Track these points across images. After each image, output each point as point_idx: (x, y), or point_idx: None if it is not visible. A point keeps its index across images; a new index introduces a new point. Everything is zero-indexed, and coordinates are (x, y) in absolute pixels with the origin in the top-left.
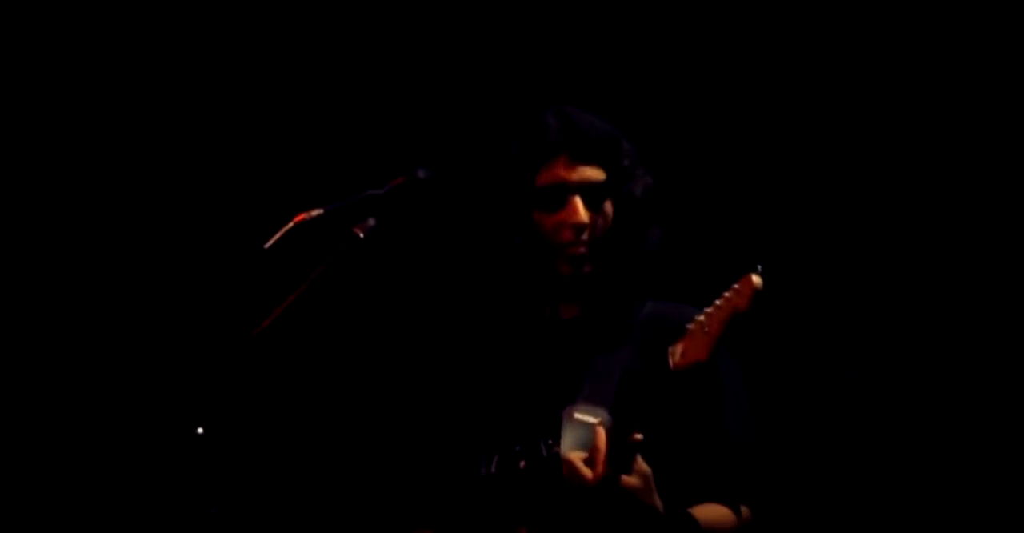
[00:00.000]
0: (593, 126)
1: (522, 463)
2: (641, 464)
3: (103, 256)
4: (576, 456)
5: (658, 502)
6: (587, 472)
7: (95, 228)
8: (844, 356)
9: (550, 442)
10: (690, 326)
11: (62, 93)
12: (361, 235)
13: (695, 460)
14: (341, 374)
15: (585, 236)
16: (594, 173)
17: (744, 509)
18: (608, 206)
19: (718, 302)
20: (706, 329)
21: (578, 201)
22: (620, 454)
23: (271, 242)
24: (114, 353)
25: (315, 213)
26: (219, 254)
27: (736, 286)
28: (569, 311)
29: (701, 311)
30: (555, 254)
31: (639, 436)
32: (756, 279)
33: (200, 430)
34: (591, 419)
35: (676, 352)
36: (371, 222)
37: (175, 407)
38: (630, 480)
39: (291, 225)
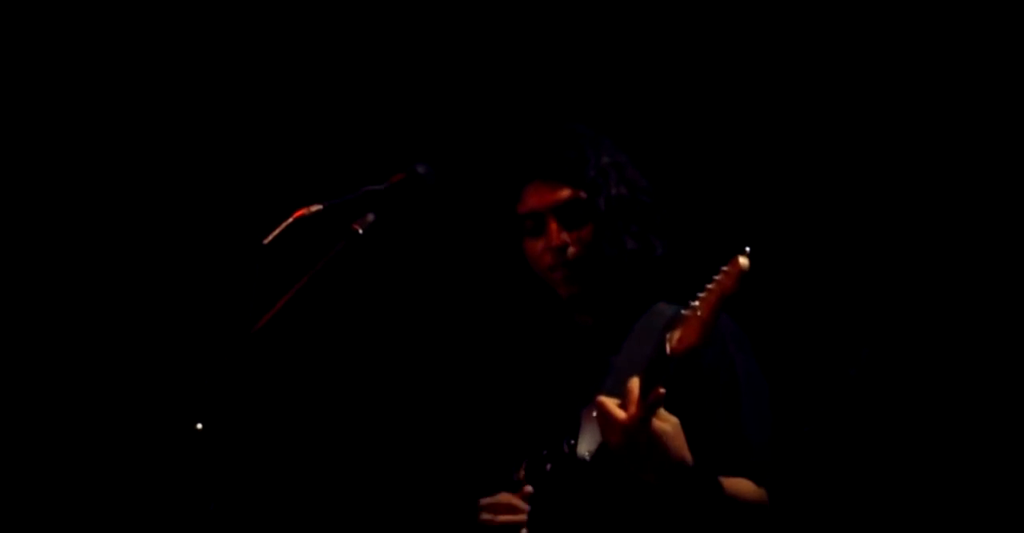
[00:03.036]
0: (559, 143)
1: (548, 466)
2: (668, 415)
3: (103, 252)
4: (613, 402)
5: (687, 454)
6: (620, 412)
7: (95, 224)
8: (846, 352)
9: (572, 442)
10: (685, 312)
11: (61, 90)
12: (360, 231)
13: (709, 449)
14: (339, 372)
15: (566, 257)
16: (563, 193)
17: (762, 491)
18: (587, 222)
19: (709, 286)
20: (699, 314)
21: (553, 224)
22: (649, 407)
23: (270, 237)
24: (114, 349)
25: (315, 208)
26: (218, 250)
27: (725, 269)
28: (587, 318)
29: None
30: (549, 277)
31: (662, 390)
32: (743, 261)
33: (199, 426)
34: None
35: (673, 338)
36: (370, 218)
37: (174, 404)
38: (662, 424)
39: (291, 220)
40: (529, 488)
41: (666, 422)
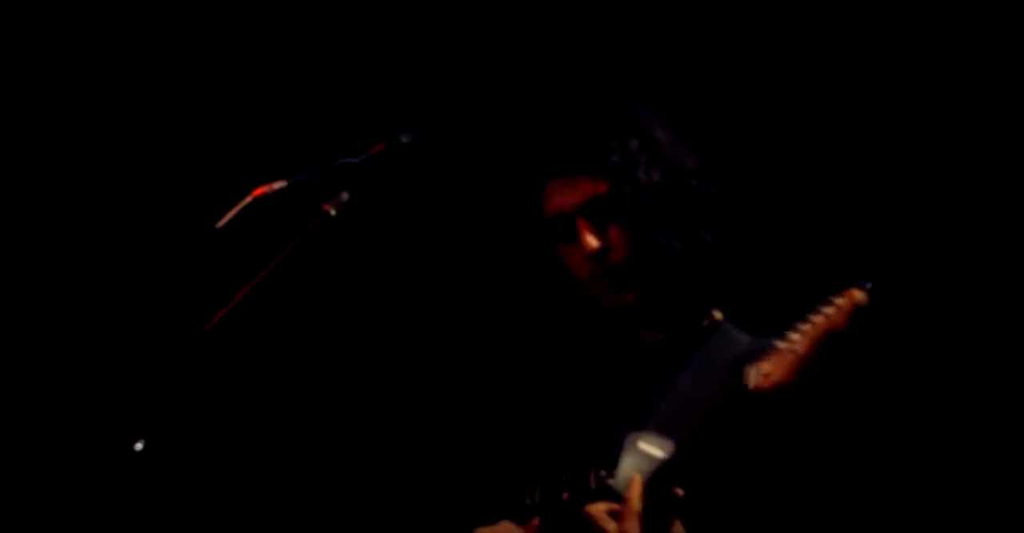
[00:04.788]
0: (574, 129)
1: (565, 495)
2: (678, 528)
3: (30, 238)
4: (601, 509)
5: None
6: (609, 528)
7: (21, 205)
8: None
9: (603, 473)
10: (778, 344)
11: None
12: (333, 212)
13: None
14: (308, 379)
15: (605, 263)
16: (583, 189)
17: None
18: (615, 220)
19: (814, 318)
20: (797, 348)
21: (584, 227)
22: (656, 510)
23: (224, 221)
24: (45, 352)
25: (277, 186)
26: (164, 235)
27: (836, 300)
28: (650, 333)
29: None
30: (592, 289)
31: (680, 492)
32: (859, 295)
33: (139, 446)
34: (657, 452)
35: (757, 371)
36: (345, 196)
37: (115, 416)
38: None
39: (248, 200)
40: (536, 521)
41: None
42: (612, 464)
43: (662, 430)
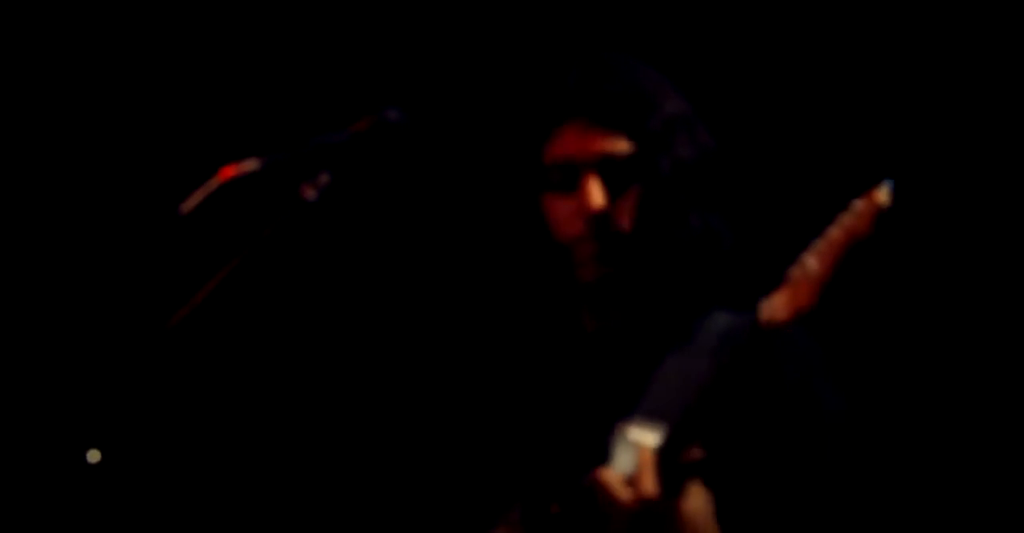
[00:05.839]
0: (622, 80)
1: (554, 507)
2: (698, 490)
3: None
4: (615, 476)
5: None
6: (623, 494)
7: None
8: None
9: (592, 474)
10: (792, 271)
11: None
12: (311, 197)
13: (785, 492)
14: (280, 378)
15: (603, 228)
16: (616, 144)
17: None
18: (642, 188)
19: (831, 231)
20: (813, 268)
21: (594, 182)
22: (673, 474)
23: (189, 207)
24: None
25: (249, 167)
26: (120, 221)
27: (856, 206)
28: (617, 315)
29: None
30: (575, 250)
31: (698, 453)
32: (882, 196)
33: (94, 457)
34: (651, 438)
35: (771, 304)
36: (325, 179)
37: (67, 422)
38: (683, 507)
39: (216, 183)
40: None
41: (689, 501)
42: (603, 461)
43: (652, 414)
